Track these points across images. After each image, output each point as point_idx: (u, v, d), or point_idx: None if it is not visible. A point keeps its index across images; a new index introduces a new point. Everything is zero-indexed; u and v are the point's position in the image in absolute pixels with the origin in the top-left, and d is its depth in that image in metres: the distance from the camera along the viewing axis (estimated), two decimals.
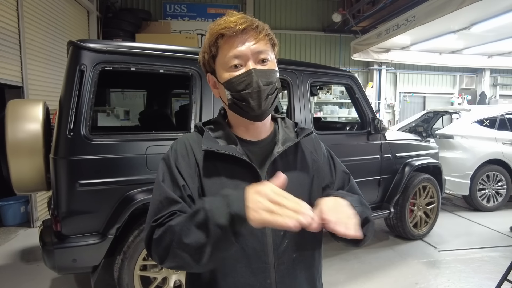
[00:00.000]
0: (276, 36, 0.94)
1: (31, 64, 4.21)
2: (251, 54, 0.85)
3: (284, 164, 0.94)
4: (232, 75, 0.86)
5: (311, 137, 1.05)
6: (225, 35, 0.85)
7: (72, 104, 2.08)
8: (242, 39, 0.85)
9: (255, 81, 0.85)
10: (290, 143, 0.95)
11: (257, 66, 0.86)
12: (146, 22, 7.31)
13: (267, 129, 0.98)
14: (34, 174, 2.20)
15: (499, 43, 6.41)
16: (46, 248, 2.12)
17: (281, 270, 0.89)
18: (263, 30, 0.87)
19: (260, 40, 0.86)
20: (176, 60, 2.40)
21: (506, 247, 3.78)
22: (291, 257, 0.92)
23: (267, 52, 0.88)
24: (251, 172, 0.89)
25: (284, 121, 1.03)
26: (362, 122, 3.48)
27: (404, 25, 5.47)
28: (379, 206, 3.58)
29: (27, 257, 3.48)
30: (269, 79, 0.87)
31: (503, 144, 5.15)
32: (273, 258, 0.89)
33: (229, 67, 0.86)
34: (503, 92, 10.28)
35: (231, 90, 0.87)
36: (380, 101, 9.38)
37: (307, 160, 1.00)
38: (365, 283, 2.99)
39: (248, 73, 0.85)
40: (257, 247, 0.88)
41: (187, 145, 0.94)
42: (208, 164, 0.90)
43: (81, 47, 2.12)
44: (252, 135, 0.95)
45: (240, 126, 0.95)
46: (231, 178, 0.90)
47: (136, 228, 2.29)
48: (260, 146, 0.95)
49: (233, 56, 0.85)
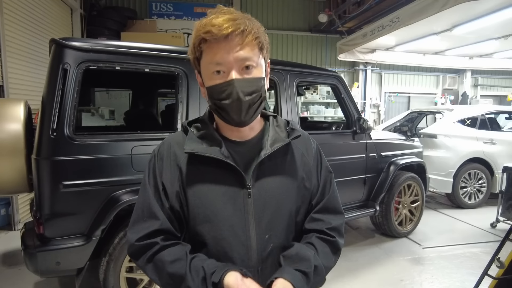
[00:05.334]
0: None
1: (12, 63, 4.09)
2: (234, 62, 0.81)
3: (271, 166, 0.91)
4: (214, 82, 0.83)
5: (303, 137, 1.00)
6: (208, 40, 0.80)
7: (55, 104, 2.03)
8: (226, 45, 0.80)
9: (235, 92, 0.81)
10: (279, 144, 0.91)
11: (240, 74, 0.82)
12: (131, 21, 7.20)
13: (255, 129, 0.95)
14: (16, 176, 2.14)
15: (480, 45, 6.58)
16: (28, 251, 2.07)
17: (265, 274, 0.88)
18: (250, 33, 0.81)
19: (245, 45, 0.81)
20: (162, 59, 2.38)
21: (487, 243, 3.89)
22: (275, 260, 0.91)
23: (252, 58, 0.83)
24: (236, 175, 0.87)
25: (276, 120, 0.99)
26: (347, 122, 3.52)
27: (389, 26, 5.55)
28: (364, 205, 3.62)
29: (8, 260, 3.38)
30: (252, 88, 0.83)
31: (483, 143, 5.29)
32: (256, 261, 0.88)
33: (211, 73, 0.83)
34: (483, 93, 10.56)
35: (212, 97, 0.85)
36: (366, 101, 9.50)
37: (297, 162, 0.96)
38: (351, 280, 3.02)
39: (229, 83, 0.82)
40: (241, 251, 0.87)
41: (171, 148, 0.92)
42: (191, 167, 0.89)
43: (64, 45, 2.08)
44: (238, 136, 0.93)
45: (225, 127, 0.92)
46: (215, 181, 0.88)
47: (122, 229, 2.26)
48: (247, 147, 0.92)
49: (215, 63, 0.82)
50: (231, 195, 0.87)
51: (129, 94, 6.00)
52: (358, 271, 3.21)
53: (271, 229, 0.90)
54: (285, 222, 0.92)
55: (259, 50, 0.86)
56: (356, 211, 3.50)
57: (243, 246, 0.87)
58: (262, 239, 0.88)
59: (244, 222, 0.87)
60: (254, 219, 0.88)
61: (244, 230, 0.87)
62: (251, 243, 0.87)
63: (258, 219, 0.88)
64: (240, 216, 0.87)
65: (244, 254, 0.87)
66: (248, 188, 0.88)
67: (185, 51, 2.46)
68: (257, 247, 0.88)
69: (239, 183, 0.88)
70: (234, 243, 0.87)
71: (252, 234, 0.88)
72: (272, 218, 0.90)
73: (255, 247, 0.88)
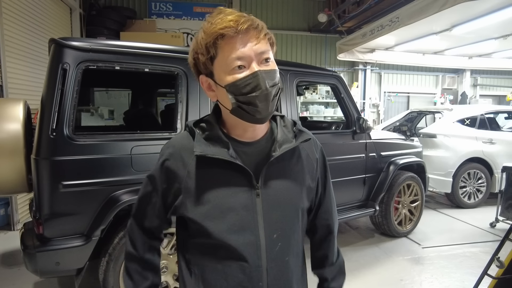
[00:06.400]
0: None
1: (11, 62, 4.08)
2: (254, 55, 0.81)
3: (279, 167, 0.92)
4: (236, 78, 0.81)
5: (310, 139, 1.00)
6: (226, 36, 0.79)
7: (55, 104, 2.02)
8: (244, 39, 0.80)
9: (263, 83, 0.81)
10: (288, 145, 0.91)
11: (261, 67, 0.82)
12: (131, 21, 7.20)
13: (263, 129, 0.94)
14: (15, 176, 2.13)
15: (479, 45, 6.58)
16: (27, 251, 2.06)
17: (274, 273, 0.89)
18: (263, 28, 0.83)
19: (261, 39, 0.82)
20: (162, 59, 2.38)
21: (486, 243, 3.90)
22: (284, 260, 0.92)
23: (268, 51, 0.84)
24: (245, 176, 0.88)
25: (283, 120, 0.98)
26: (347, 122, 3.52)
27: (389, 25, 5.55)
28: (364, 205, 3.63)
29: (7, 261, 3.38)
30: (274, 80, 0.84)
31: (483, 142, 5.30)
32: (265, 261, 0.89)
33: (232, 69, 0.81)
34: (482, 92, 10.57)
35: (235, 93, 0.82)
36: (365, 101, 9.50)
37: (304, 163, 0.98)
38: (351, 280, 3.02)
39: (254, 75, 0.81)
40: (251, 250, 0.87)
41: (177, 150, 0.92)
42: (199, 170, 0.89)
43: (64, 45, 2.07)
44: (249, 136, 0.92)
45: (237, 128, 0.91)
46: (224, 183, 0.88)
47: (122, 229, 2.25)
48: (255, 147, 0.92)
49: (236, 58, 0.80)
50: (240, 196, 0.88)
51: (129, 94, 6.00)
52: (358, 271, 3.21)
53: (279, 229, 0.91)
54: (292, 222, 0.94)
55: (271, 46, 0.87)
56: (355, 211, 3.50)
57: (253, 245, 0.88)
58: (271, 239, 0.90)
59: (253, 222, 0.88)
60: (263, 219, 0.89)
61: (253, 230, 0.88)
62: (260, 243, 0.88)
63: (267, 219, 0.89)
64: (249, 216, 0.88)
65: (254, 253, 0.88)
66: (257, 189, 0.88)
67: (185, 51, 2.45)
68: (266, 246, 0.89)
69: (248, 183, 0.88)
70: (245, 242, 0.87)
71: (261, 234, 0.88)
72: (280, 218, 0.91)
73: (264, 246, 0.89)
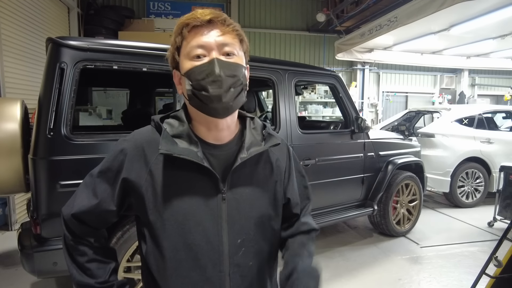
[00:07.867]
0: (261, 36, 0.91)
1: (8, 62, 4.07)
2: (215, 45, 0.82)
3: (246, 171, 0.90)
4: (194, 64, 0.82)
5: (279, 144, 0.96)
6: (190, 24, 0.82)
7: (52, 103, 2.01)
8: (208, 29, 0.82)
9: (217, 69, 0.79)
10: (256, 148, 0.89)
11: (220, 57, 0.82)
12: (129, 20, 7.17)
13: (231, 131, 0.91)
14: (12, 175, 2.12)
15: (477, 45, 6.60)
16: (25, 251, 2.05)
17: (236, 278, 0.87)
18: (230, 24, 0.84)
19: (226, 33, 0.83)
20: (160, 59, 2.37)
21: (484, 242, 3.91)
22: (247, 265, 0.90)
23: (233, 45, 0.84)
24: (211, 180, 0.85)
25: (253, 122, 0.96)
26: (345, 121, 3.52)
27: (387, 25, 5.56)
28: (362, 204, 3.63)
29: (5, 261, 3.36)
30: (233, 72, 0.82)
31: (481, 142, 5.31)
32: (228, 266, 0.87)
33: (192, 56, 0.82)
34: (480, 92, 10.60)
35: (191, 80, 0.82)
36: (364, 100, 9.51)
37: (272, 167, 0.95)
38: (349, 280, 3.03)
39: (210, 62, 0.81)
40: (213, 256, 0.86)
41: (139, 146, 0.88)
42: (163, 169, 0.85)
43: (61, 44, 2.06)
44: (215, 137, 0.89)
45: (202, 125, 0.88)
46: (189, 185, 0.85)
47: (119, 229, 2.25)
48: (223, 150, 0.89)
49: (197, 46, 0.82)
50: (204, 200, 0.85)
51: (127, 94, 5.99)
52: (356, 270, 3.21)
53: (243, 234, 0.89)
54: (259, 227, 0.92)
55: (239, 42, 0.86)
56: (354, 211, 3.51)
57: (215, 251, 0.86)
58: (234, 244, 0.87)
59: (216, 227, 0.86)
60: (227, 224, 0.87)
61: (216, 235, 0.86)
62: (223, 248, 0.86)
63: (231, 224, 0.87)
64: (213, 220, 0.86)
65: (216, 259, 0.86)
66: (223, 193, 0.86)
67: None
68: (229, 251, 0.87)
69: (214, 187, 0.86)
70: (206, 248, 0.85)
71: (224, 239, 0.86)
72: (245, 223, 0.89)
73: (227, 251, 0.86)
